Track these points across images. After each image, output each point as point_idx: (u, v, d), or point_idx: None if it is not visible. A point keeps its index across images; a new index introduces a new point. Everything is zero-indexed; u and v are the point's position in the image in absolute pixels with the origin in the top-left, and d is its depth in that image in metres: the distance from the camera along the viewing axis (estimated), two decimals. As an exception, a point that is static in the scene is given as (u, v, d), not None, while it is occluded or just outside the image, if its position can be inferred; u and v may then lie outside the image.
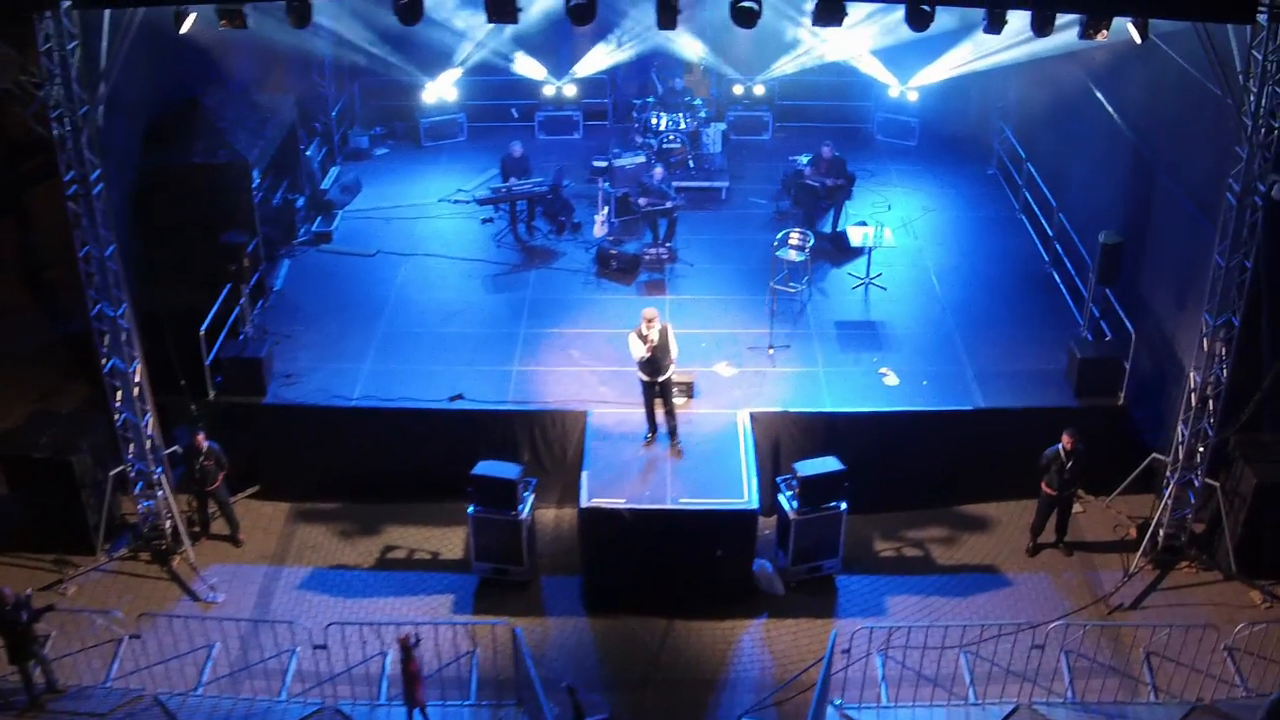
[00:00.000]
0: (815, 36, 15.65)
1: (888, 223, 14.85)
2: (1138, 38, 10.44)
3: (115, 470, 11.54)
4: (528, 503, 11.15)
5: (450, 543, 11.94)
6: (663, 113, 16.72)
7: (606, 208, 14.97)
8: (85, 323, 10.84)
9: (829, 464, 11.01)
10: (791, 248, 13.66)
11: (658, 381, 11.34)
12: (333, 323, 13.60)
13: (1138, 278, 13.10)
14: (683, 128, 16.54)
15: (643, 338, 11.12)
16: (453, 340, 13.30)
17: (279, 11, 10.23)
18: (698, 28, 16.02)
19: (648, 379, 11.35)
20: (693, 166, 16.47)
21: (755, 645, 10.81)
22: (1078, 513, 12.22)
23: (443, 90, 16.91)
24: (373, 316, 13.72)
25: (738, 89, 18.06)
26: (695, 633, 10.86)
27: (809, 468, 10.97)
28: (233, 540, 11.99)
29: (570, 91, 17.58)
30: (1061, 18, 10.25)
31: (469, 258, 14.94)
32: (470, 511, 11.06)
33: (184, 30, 10.46)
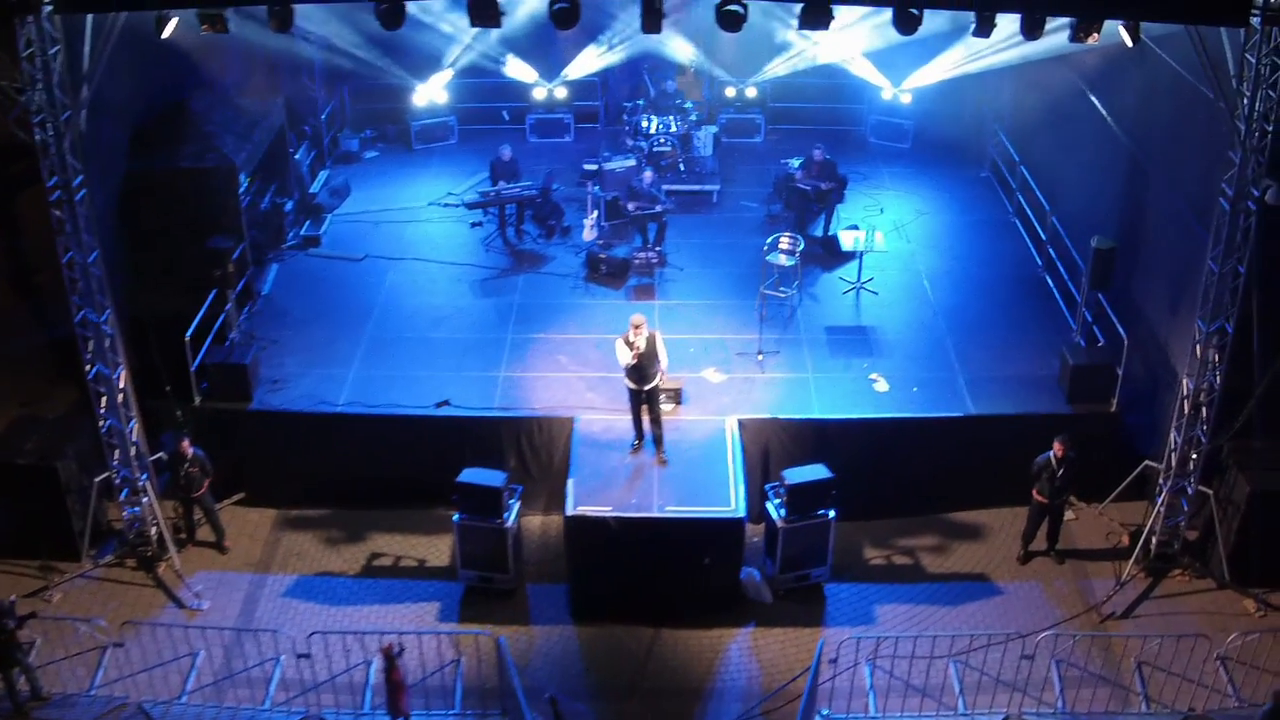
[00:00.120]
0: (807, 39, 15.57)
1: (880, 226, 14.74)
2: (1129, 41, 10.32)
3: (100, 477, 11.46)
4: (513, 510, 11.08)
5: (437, 550, 11.87)
6: (653, 116, 16.58)
7: (596, 211, 14.88)
8: (72, 327, 10.75)
9: (817, 472, 10.92)
10: (781, 252, 13.53)
11: (644, 390, 11.23)
12: (320, 327, 13.52)
13: (1131, 282, 12.99)
14: (673, 131, 16.40)
15: (629, 344, 11.00)
16: (440, 345, 13.22)
17: (263, 15, 10.16)
18: (689, 30, 15.91)
19: (634, 387, 11.24)
20: (683, 170, 16.35)
21: (742, 654, 10.72)
22: (1070, 520, 12.12)
23: (433, 93, 16.83)
24: (360, 321, 13.64)
25: (730, 91, 17.95)
26: (682, 641, 10.78)
27: (797, 475, 10.88)
28: (218, 547, 11.93)
29: (561, 94, 17.48)
30: (1053, 21, 10.14)
31: (457, 262, 14.85)
32: (455, 519, 11.00)
33: (166, 35, 10.38)
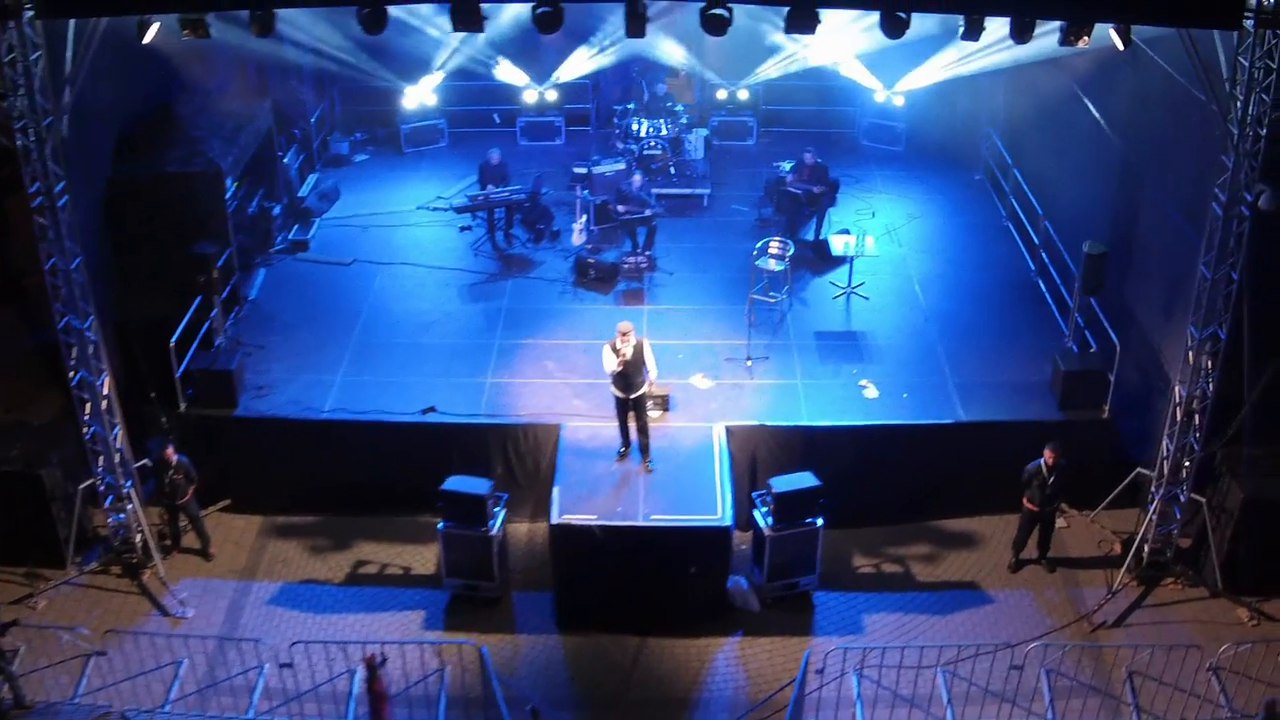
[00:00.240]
0: (799, 41, 15.43)
1: (871, 230, 14.64)
2: (1120, 44, 10.21)
3: (85, 484, 11.39)
4: (498, 518, 10.99)
5: (422, 558, 11.77)
6: (644, 119, 16.48)
7: (585, 216, 14.79)
8: (57, 333, 10.68)
9: (804, 480, 10.82)
10: (771, 257, 13.42)
11: (630, 398, 11.12)
12: (307, 333, 13.43)
13: (1124, 287, 12.88)
14: (664, 134, 16.31)
15: (616, 351, 10.91)
16: (427, 351, 13.12)
17: (247, 20, 10.05)
18: (680, 32, 15.77)
19: (620, 395, 11.13)
20: (674, 173, 16.24)
21: (729, 664, 10.62)
22: (1061, 528, 12.01)
23: (422, 95, 16.72)
24: (348, 326, 13.55)
25: (721, 94, 17.80)
26: (668, 651, 10.68)
27: (784, 484, 10.78)
28: (203, 554, 11.85)
29: (552, 97, 17.35)
30: (1045, 24, 10.03)
31: (446, 266, 14.76)
32: (440, 527, 10.91)
33: (147, 40, 10.30)
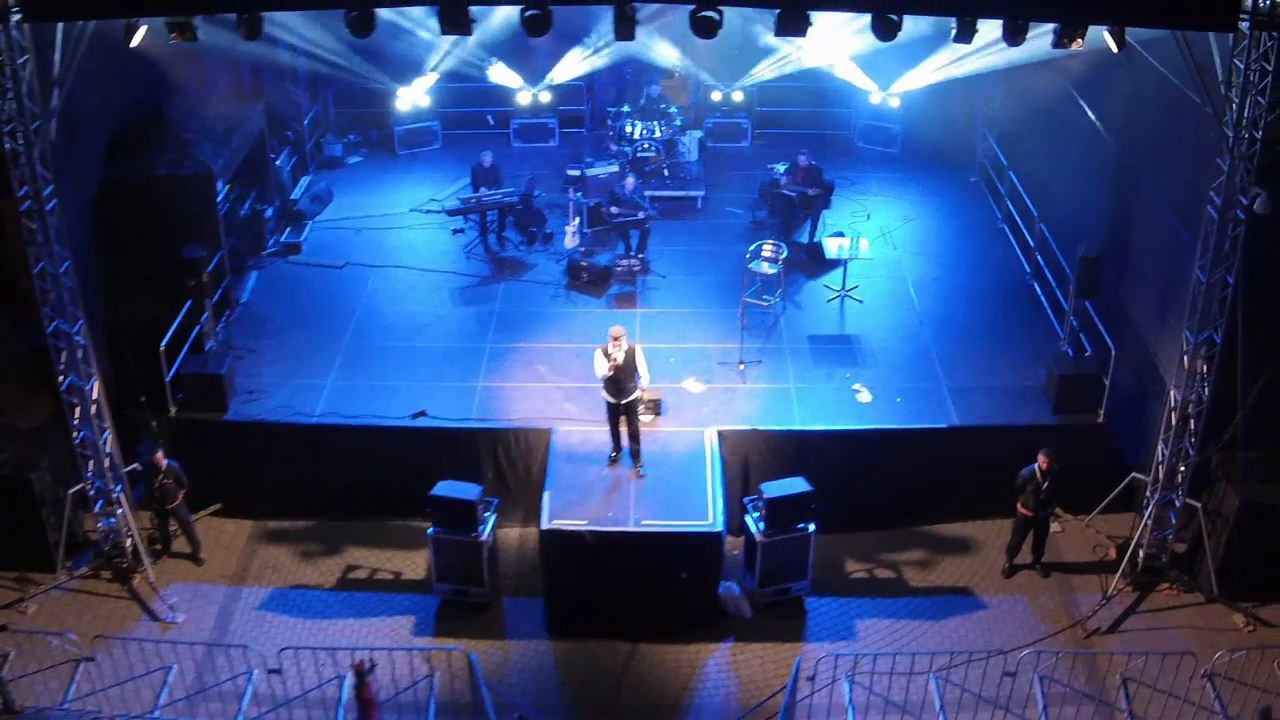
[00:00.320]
0: (793, 43, 15.35)
1: (866, 233, 14.57)
2: (1114, 46, 10.10)
3: (74, 488, 11.34)
4: (488, 524, 10.92)
5: (413, 563, 11.71)
6: (638, 121, 16.38)
7: (578, 218, 14.71)
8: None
9: (796, 485, 10.74)
10: (764, 260, 13.34)
11: (621, 403, 11.06)
12: (299, 336, 13.37)
13: (1120, 290, 12.79)
14: (658, 136, 16.22)
15: (608, 356, 10.84)
16: (419, 355, 13.05)
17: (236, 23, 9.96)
18: (674, 34, 15.71)
19: (612, 400, 11.07)
20: (668, 175, 16.16)
21: (721, 670, 10.55)
22: (1056, 532, 11.93)
23: (416, 97, 16.64)
24: (339, 330, 13.48)
25: (716, 95, 17.68)
26: (659, 656, 10.61)
27: (775, 489, 10.69)
28: (194, 559, 11.79)
29: (546, 98, 17.26)
30: (1040, 26, 9.95)
31: (438, 269, 14.69)
32: (430, 532, 10.85)
33: (135, 43, 10.22)
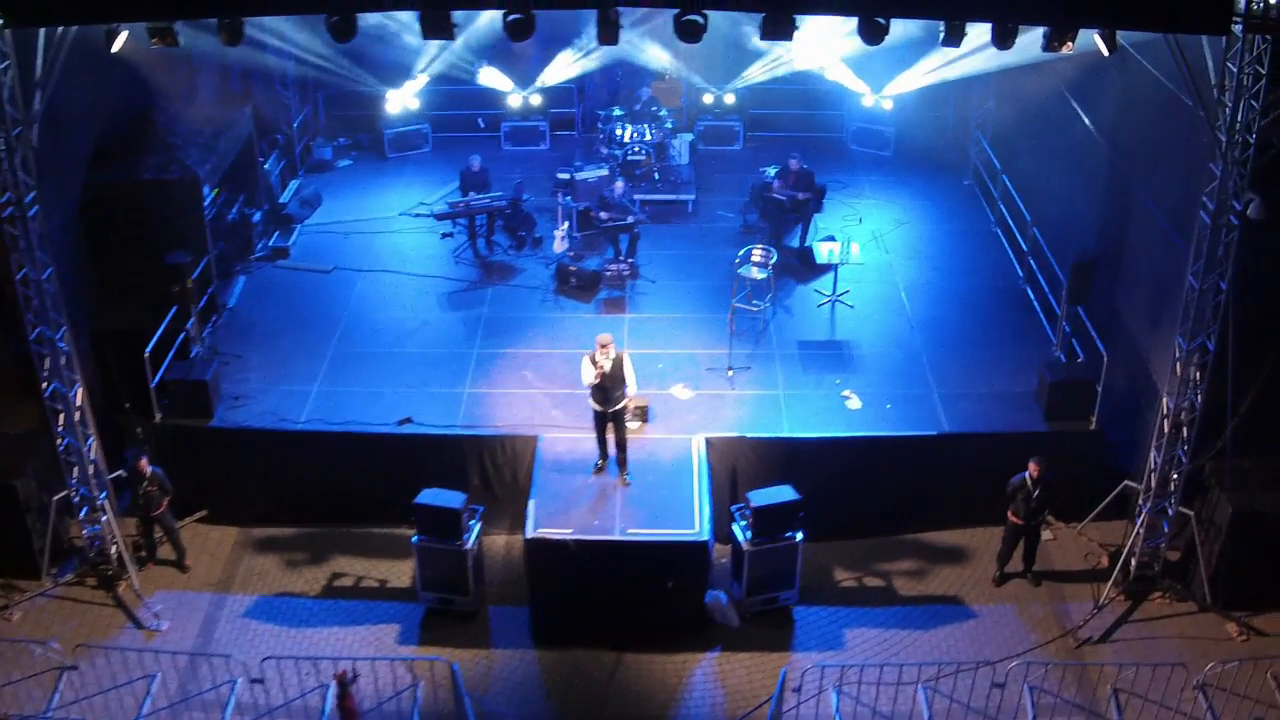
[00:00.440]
0: (785, 45, 15.18)
1: (858, 237, 14.43)
2: (1105, 50, 9.98)
3: (59, 495, 11.26)
4: (473, 532, 10.82)
5: (398, 570, 11.61)
6: (628, 124, 16.25)
7: (567, 222, 14.60)
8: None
9: (784, 493, 10.63)
10: (754, 265, 13.22)
11: (609, 411, 10.96)
12: (286, 342, 13.27)
13: (1113, 295, 12.66)
14: (648, 139, 16.08)
15: (595, 364, 10.74)
16: (405, 360, 12.95)
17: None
18: (666, 36, 15.53)
19: (599, 408, 10.97)
20: (658, 179, 16.02)
21: (708, 680, 10.45)
22: (1048, 540, 11.81)
23: (405, 100, 16.52)
24: (326, 335, 13.38)
25: (708, 98, 17.52)
26: (645, 666, 10.50)
27: (762, 497, 10.59)
28: (179, 566, 11.71)
29: (536, 101, 17.13)
30: (1029, 29, 9.82)
31: (426, 274, 14.58)
32: (415, 541, 10.76)
33: (116, 49, 10.14)
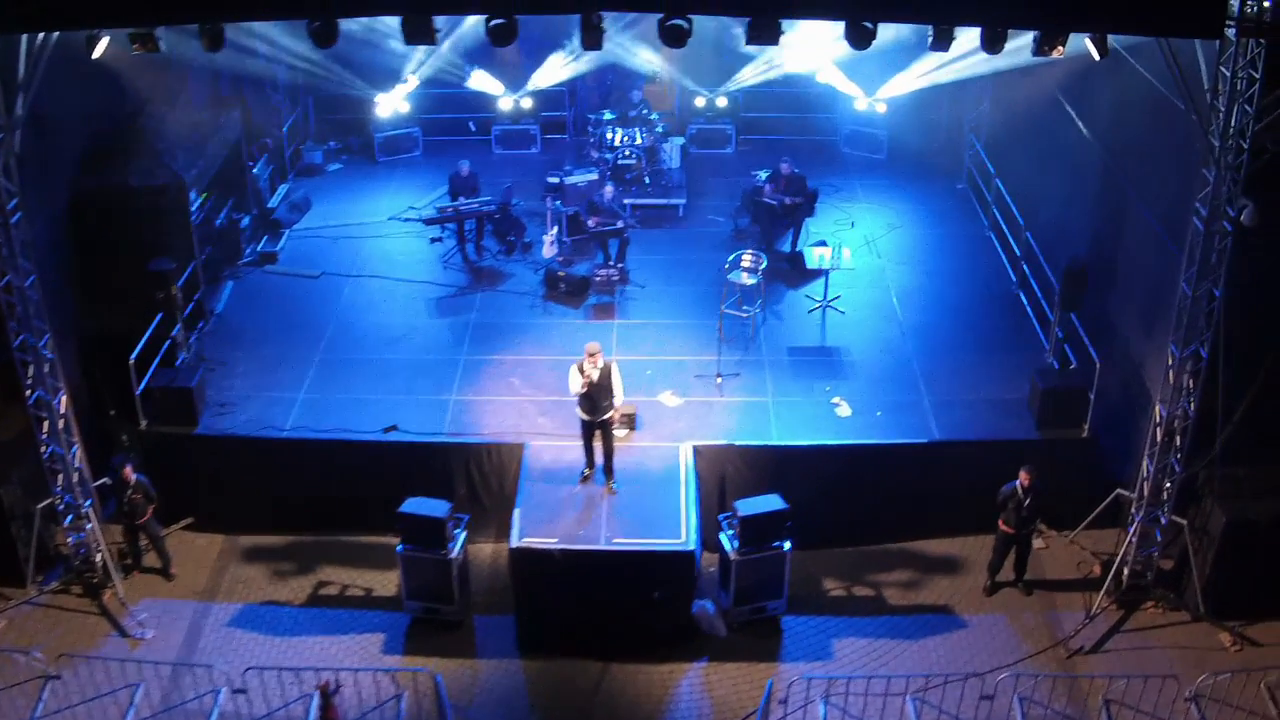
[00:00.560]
0: (778, 48, 15.06)
1: (850, 241, 14.31)
2: (1096, 54, 9.86)
3: (43, 503, 11.18)
4: (458, 541, 10.74)
5: (384, 579, 11.51)
6: (618, 128, 16.14)
7: (556, 227, 14.49)
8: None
9: (771, 503, 10.54)
10: (743, 270, 13.11)
11: (596, 421, 10.87)
12: (272, 348, 13.19)
13: (1107, 299, 12.53)
14: (639, 143, 15.96)
15: (583, 373, 10.65)
16: (392, 367, 12.87)
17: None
18: (657, 39, 15.42)
19: (586, 418, 10.88)
20: (649, 183, 15.91)
21: (694, 690, 10.36)
22: (1040, 548, 11.70)
23: (395, 104, 16.43)
24: (313, 341, 13.29)
25: (700, 101, 17.36)
26: (631, 677, 10.41)
27: (750, 506, 10.50)
28: (164, 574, 11.63)
29: (527, 105, 17.00)
30: (1019, 34, 9.71)
31: (415, 279, 14.49)
32: (399, 550, 10.67)
33: (96, 55, 10.06)
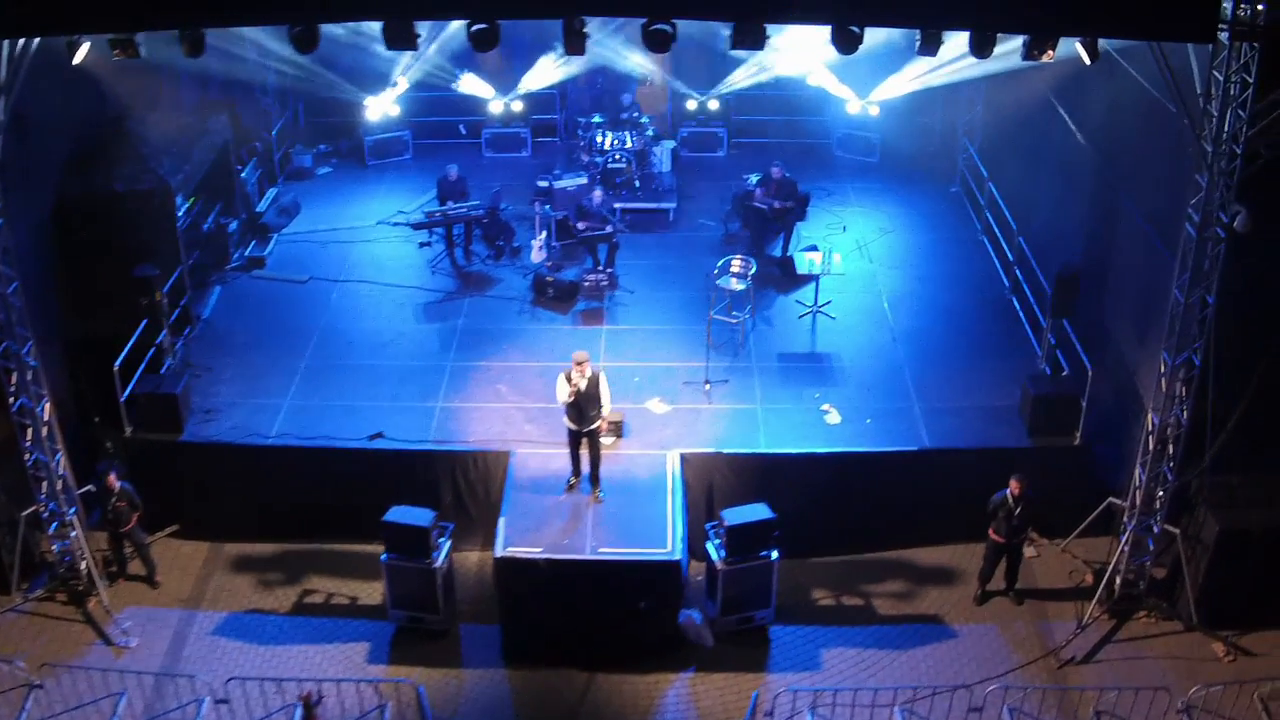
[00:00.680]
0: (769, 51, 14.95)
1: (841, 245, 14.18)
2: (1087, 59, 9.75)
3: (27, 511, 11.11)
4: (443, 550, 10.65)
5: (369, 588, 11.41)
6: (608, 131, 16.02)
7: (545, 232, 14.39)
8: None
9: (758, 512, 10.43)
10: (732, 276, 12.98)
11: (583, 430, 10.77)
12: (259, 354, 13.10)
13: (1100, 306, 12.43)
14: (629, 147, 15.84)
15: (570, 381, 10.53)
16: (379, 373, 12.77)
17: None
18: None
19: (573, 427, 10.78)
20: (639, 187, 15.78)
21: (680, 701, 10.25)
22: (1031, 557, 11.58)
23: (385, 107, 16.32)
24: (300, 347, 13.20)
25: (691, 104, 17.17)
26: (617, 687, 10.32)
27: (736, 516, 10.39)
28: (149, 582, 11.55)
29: (518, 108, 16.87)
30: (1009, 38, 9.60)
31: (402, 284, 14.39)
32: (383, 559, 10.58)
33: (77, 60, 9.96)
